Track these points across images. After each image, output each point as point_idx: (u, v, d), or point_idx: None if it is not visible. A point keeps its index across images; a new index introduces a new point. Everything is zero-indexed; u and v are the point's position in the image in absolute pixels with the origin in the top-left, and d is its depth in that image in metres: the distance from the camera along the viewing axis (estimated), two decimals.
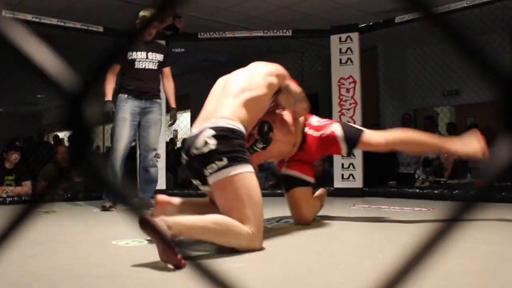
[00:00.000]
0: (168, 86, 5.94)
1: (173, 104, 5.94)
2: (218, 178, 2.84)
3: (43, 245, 3.13)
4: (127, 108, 5.59)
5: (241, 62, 12.03)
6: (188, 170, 3.15)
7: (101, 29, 7.08)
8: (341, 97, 7.05)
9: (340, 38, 7.13)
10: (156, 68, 5.77)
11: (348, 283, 2.05)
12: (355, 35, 7.09)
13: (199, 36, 7.52)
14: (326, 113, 10.43)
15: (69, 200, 6.61)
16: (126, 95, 5.64)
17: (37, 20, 6.63)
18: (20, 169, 7.18)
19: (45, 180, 7.16)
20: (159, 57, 5.79)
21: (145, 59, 5.71)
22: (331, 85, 7.28)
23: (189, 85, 13.55)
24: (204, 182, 2.97)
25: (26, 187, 7.07)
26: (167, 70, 5.93)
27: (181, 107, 13.87)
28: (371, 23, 7.18)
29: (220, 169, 2.82)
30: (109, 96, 5.64)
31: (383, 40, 9.00)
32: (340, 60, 7.08)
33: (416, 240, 0.53)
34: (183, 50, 10.77)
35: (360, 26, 7.14)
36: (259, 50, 10.37)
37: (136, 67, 5.66)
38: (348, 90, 7.01)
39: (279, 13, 9.22)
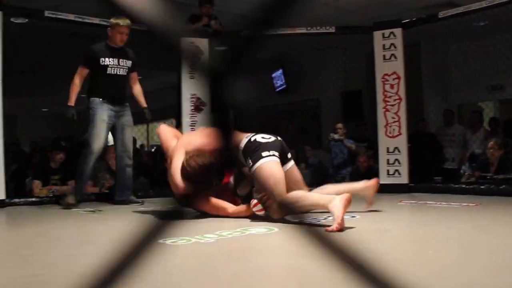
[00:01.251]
0: (136, 88, 6.39)
1: (144, 104, 6.51)
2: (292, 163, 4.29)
3: (92, 244, 3.15)
4: (104, 111, 5.99)
5: (283, 59, 12.08)
6: (275, 144, 4.12)
7: (144, 27, 7.09)
8: (385, 93, 6.95)
9: (383, 34, 7.03)
10: (125, 74, 6.14)
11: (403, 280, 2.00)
12: (398, 31, 6.98)
13: (242, 34, 7.50)
14: (370, 110, 10.39)
15: (112, 200, 6.65)
16: (100, 99, 6.01)
17: (80, 19, 6.68)
18: (65, 168, 7.23)
19: (91, 179, 7.21)
20: (129, 63, 6.16)
21: (117, 66, 6.07)
22: (374, 81, 7.19)
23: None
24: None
25: (72, 186, 7.12)
26: (134, 75, 6.34)
27: None
28: (414, 19, 7.07)
29: None
30: (72, 101, 5.95)
31: (425, 35, 8.86)
32: (384, 56, 6.98)
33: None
34: (225, 48, 10.75)
35: (403, 21, 7.03)
36: (301, 47, 10.34)
37: (108, 72, 6.00)
38: (392, 86, 6.91)
39: (320, 9, 9.15)
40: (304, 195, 3.86)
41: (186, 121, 7.21)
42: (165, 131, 4.83)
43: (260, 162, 3.97)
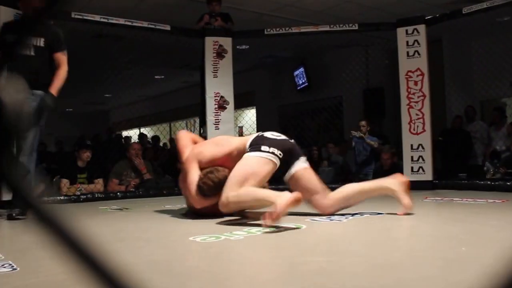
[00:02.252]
0: (56, 72, 4.87)
1: (52, 89, 4.77)
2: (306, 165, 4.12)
3: (123, 242, 3.16)
4: None
5: (304, 57, 12.06)
6: (283, 143, 4.01)
7: (168, 27, 7.13)
8: (409, 90, 6.91)
9: (406, 30, 6.98)
10: (36, 54, 4.76)
11: (437, 279, 1.98)
12: (421, 27, 6.93)
13: (265, 33, 7.49)
14: (391, 107, 10.37)
15: (141, 197, 6.69)
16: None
17: (105, 20, 6.71)
18: (92, 167, 7.28)
19: (117, 177, 7.25)
20: (41, 41, 4.84)
21: (24, 44, 4.87)
22: (396, 79, 7.15)
23: (253, 82, 13.59)
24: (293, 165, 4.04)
25: (99, 184, 7.17)
26: (57, 56, 4.91)
27: (246, 104, 14.03)
28: (437, 15, 7.01)
29: None
30: None
31: (448, 31, 8.78)
32: (407, 52, 6.94)
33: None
34: (247, 47, 10.75)
35: (426, 18, 6.97)
36: (322, 45, 10.31)
37: (14, 52, 5.10)
38: (416, 83, 6.86)
39: (342, 7, 9.11)
40: (252, 190, 3.72)
41: (210, 119, 7.22)
42: (183, 138, 4.66)
43: (254, 153, 3.90)
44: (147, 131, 16.67)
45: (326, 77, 11.81)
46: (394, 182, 4.01)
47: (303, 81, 12.93)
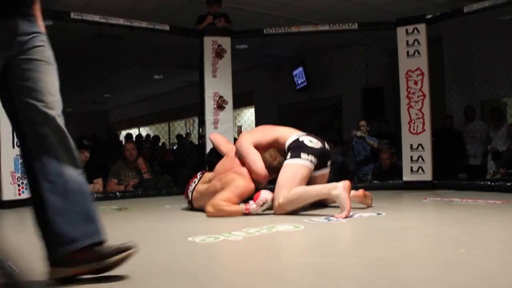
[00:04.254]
0: None
1: None
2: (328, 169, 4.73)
3: (121, 242, 3.13)
4: None
5: (304, 56, 12.06)
6: (319, 152, 4.47)
7: (167, 27, 7.11)
8: (409, 89, 6.87)
9: (406, 30, 6.94)
10: None
11: (436, 280, 1.97)
12: (422, 27, 6.89)
13: (264, 32, 7.47)
14: (391, 106, 10.36)
15: (140, 197, 6.67)
16: None
17: (105, 21, 6.69)
18: (90, 167, 7.24)
19: (115, 177, 7.23)
20: None
21: None
22: (395, 78, 7.13)
23: (252, 81, 13.58)
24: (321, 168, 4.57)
25: (98, 184, 7.13)
26: None
27: (245, 103, 14.02)
28: (438, 14, 6.97)
29: None
30: None
31: (448, 30, 8.76)
32: (407, 52, 6.90)
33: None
34: (246, 46, 10.74)
35: (427, 17, 6.94)
36: (322, 44, 10.29)
37: None
38: (416, 83, 6.83)
39: (341, 6, 9.10)
40: (306, 189, 4.23)
41: (209, 119, 7.20)
42: (218, 137, 5.43)
43: (295, 160, 4.37)
44: (146, 131, 16.67)
45: (326, 76, 11.82)
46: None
47: (302, 80, 12.92)
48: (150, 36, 7.31)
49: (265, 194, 4.29)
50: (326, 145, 4.63)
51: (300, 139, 4.52)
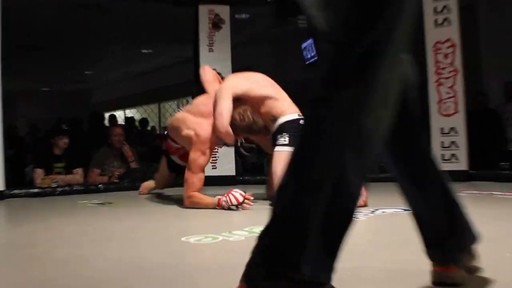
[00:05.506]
0: None
1: None
2: None
3: (108, 243, 3.09)
4: None
5: (313, 27, 12.00)
6: None
7: None
8: (437, 64, 6.79)
9: None
10: None
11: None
12: None
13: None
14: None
15: (126, 190, 6.61)
16: None
17: None
18: (70, 155, 7.20)
19: (98, 167, 7.18)
20: None
21: None
22: (422, 51, 7.03)
23: (254, 56, 13.48)
24: None
25: (78, 175, 7.11)
26: None
27: None
28: None
29: None
30: None
31: None
32: (435, 21, 6.80)
33: None
34: (248, 16, 10.65)
35: None
36: None
37: None
38: (446, 56, 6.74)
39: None
40: None
41: None
42: (208, 73, 5.38)
43: (284, 148, 4.40)
44: (134, 113, 16.64)
45: None
46: None
47: (312, 54, 12.82)
48: (137, 5, 7.25)
49: (232, 198, 4.32)
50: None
51: (301, 122, 4.46)
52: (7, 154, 6.92)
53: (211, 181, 5.95)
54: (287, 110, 4.61)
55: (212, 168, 6.94)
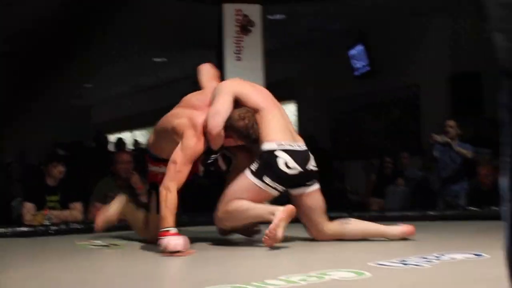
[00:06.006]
0: None
1: None
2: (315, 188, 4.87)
3: None
4: None
5: (365, 30, 12.01)
6: (292, 178, 4.68)
7: None
8: None
9: None
10: None
11: None
12: None
13: None
14: (493, 99, 10.14)
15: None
16: None
17: None
18: (66, 186, 7.23)
19: (100, 200, 7.21)
20: None
21: None
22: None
23: (292, 65, 13.51)
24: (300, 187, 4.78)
25: (76, 210, 7.13)
26: None
27: (283, 96, 13.94)
28: None
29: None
30: None
31: None
32: None
33: None
34: (283, 16, 10.70)
35: None
36: (390, 12, 10.21)
37: None
38: None
39: None
40: (250, 205, 4.61)
41: None
42: (206, 70, 5.62)
43: (254, 178, 4.64)
44: (144, 136, 16.71)
45: (396, 58, 11.71)
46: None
47: (364, 64, 12.81)
48: (148, 2, 7.33)
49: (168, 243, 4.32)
50: (311, 165, 4.83)
51: (276, 153, 4.64)
52: None
53: None
54: (270, 135, 4.73)
55: None
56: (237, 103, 4.79)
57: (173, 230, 4.35)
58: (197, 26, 8.33)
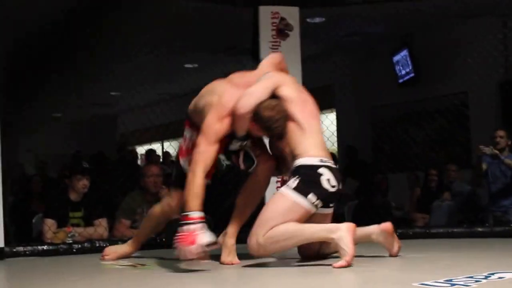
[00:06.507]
0: None
1: None
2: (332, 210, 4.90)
3: None
4: None
5: (409, 34, 11.97)
6: (332, 197, 4.71)
7: None
8: None
9: None
10: None
11: None
12: None
13: None
14: None
15: (165, 247, 6.57)
16: None
17: None
18: (90, 201, 7.22)
19: (128, 216, 7.20)
20: None
21: None
22: None
23: (332, 72, 13.47)
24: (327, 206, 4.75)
25: (101, 227, 7.12)
26: None
27: (322, 105, 13.89)
28: None
29: None
30: None
31: None
32: None
33: None
34: (323, 20, 10.66)
35: None
36: (436, 16, 10.13)
37: None
38: None
39: None
40: (299, 227, 4.52)
41: None
42: (275, 58, 5.49)
43: (297, 197, 4.55)
44: (172, 147, 16.73)
45: (442, 64, 11.64)
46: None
47: (408, 70, 12.78)
48: (179, 5, 7.32)
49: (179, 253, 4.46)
50: (341, 185, 4.81)
51: (320, 171, 4.61)
52: (7, 201, 6.94)
53: None
54: (308, 149, 4.71)
55: None
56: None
57: (194, 214, 4.47)
58: (231, 30, 8.29)
